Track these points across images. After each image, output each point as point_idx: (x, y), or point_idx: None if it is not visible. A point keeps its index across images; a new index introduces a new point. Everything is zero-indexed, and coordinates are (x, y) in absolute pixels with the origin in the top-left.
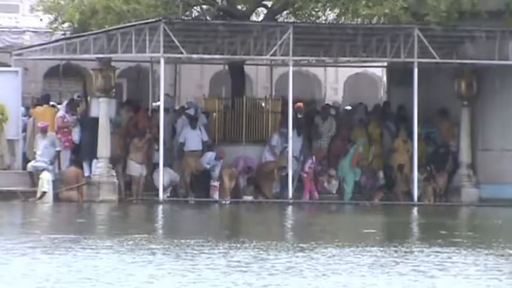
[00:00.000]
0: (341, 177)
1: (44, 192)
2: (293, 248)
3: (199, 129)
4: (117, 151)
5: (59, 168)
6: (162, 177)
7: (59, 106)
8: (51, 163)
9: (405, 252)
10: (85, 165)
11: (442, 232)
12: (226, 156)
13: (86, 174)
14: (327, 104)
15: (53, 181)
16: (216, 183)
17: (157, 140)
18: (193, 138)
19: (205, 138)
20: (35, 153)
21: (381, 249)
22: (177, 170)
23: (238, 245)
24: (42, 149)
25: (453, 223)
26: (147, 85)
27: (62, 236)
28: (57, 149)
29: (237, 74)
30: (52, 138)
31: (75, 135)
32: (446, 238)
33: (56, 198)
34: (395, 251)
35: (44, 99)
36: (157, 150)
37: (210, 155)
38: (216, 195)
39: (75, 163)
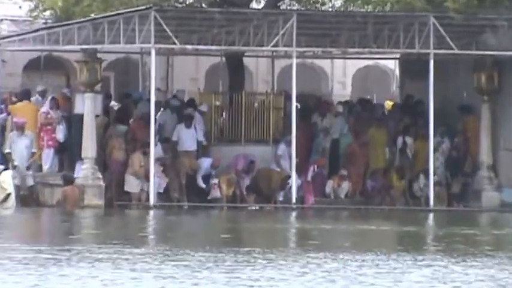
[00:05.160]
0: None
1: (8, 194)
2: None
3: (195, 128)
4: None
5: (40, 170)
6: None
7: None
8: (29, 167)
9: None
10: (77, 166)
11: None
12: (224, 157)
13: (76, 175)
14: (325, 101)
15: (32, 186)
16: (216, 181)
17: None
18: (187, 138)
19: (201, 138)
20: (8, 153)
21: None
22: (171, 172)
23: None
24: (23, 149)
25: (460, 232)
26: (137, 79)
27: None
28: (33, 150)
29: (235, 67)
30: (32, 138)
31: (60, 133)
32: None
33: (23, 202)
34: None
35: (24, 95)
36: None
37: (207, 164)
38: (218, 194)
39: (62, 166)
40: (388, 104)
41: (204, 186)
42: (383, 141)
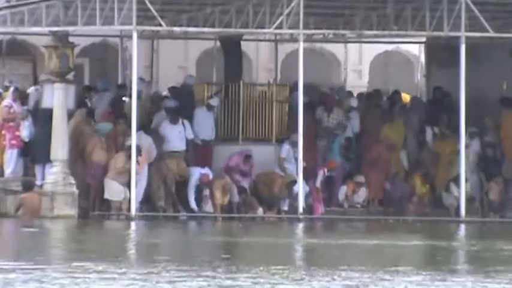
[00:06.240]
0: None
1: None
2: None
3: (183, 124)
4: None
5: (1, 175)
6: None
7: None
8: None
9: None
10: (37, 170)
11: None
12: (218, 158)
13: (39, 182)
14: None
15: None
16: (207, 192)
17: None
18: (173, 136)
19: (191, 136)
20: None
21: None
22: (155, 176)
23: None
24: None
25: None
26: (116, 66)
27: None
28: None
29: (231, 53)
30: None
31: (25, 130)
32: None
33: None
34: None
35: None
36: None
37: (195, 178)
38: (208, 207)
39: (28, 170)
40: (405, 97)
41: (195, 208)
42: (400, 140)
